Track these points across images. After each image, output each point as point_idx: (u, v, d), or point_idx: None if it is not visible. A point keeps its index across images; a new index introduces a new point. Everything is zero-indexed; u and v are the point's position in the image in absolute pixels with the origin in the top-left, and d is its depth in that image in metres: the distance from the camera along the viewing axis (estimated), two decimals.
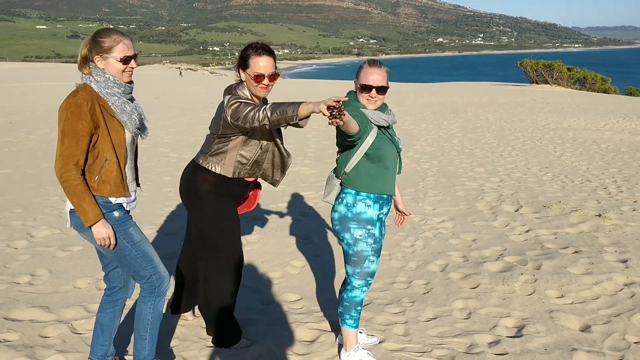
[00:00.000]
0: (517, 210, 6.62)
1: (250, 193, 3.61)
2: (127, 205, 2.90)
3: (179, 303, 3.76)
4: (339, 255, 5.12)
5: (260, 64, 3.13)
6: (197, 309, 3.87)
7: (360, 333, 3.55)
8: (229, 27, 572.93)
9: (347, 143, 2.98)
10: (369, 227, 3.07)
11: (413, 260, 5.06)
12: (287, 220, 6.21)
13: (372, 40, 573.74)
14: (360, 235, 3.07)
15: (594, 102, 22.99)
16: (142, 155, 10.23)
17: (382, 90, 3.02)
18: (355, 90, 3.12)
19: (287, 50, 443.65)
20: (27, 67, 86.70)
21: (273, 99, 3.74)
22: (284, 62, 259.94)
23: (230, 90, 3.21)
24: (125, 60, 2.77)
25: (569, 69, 33.80)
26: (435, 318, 3.92)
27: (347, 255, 3.15)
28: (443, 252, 5.29)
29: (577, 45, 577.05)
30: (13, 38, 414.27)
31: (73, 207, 2.70)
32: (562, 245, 5.35)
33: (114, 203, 2.82)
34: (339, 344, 3.49)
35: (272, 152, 3.34)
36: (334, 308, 4.02)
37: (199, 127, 14.16)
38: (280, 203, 6.98)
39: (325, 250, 5.31)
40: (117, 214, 2.80)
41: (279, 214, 6.46)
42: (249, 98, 3.17)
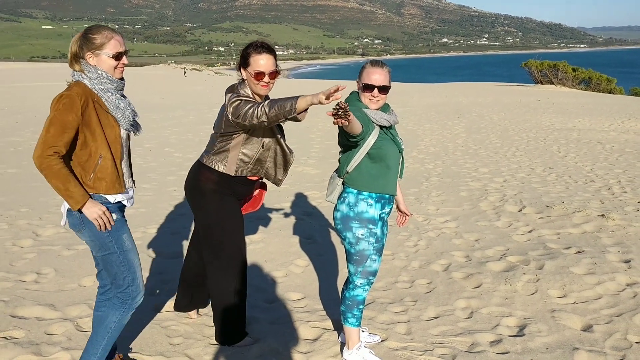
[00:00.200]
0: (520, 211, 6.63)
1: (256, 193, 3.62)
2: (126, 202, 2.89)
3: (184, 302, 3.76)
4: (342, 255, 5.14)
5: (261, 62, 3.15)
6: (201, 308, 3.89)
7: (363, 332, 3.58)
8: (234, 27, 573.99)
9: (349, 143, 2.99)
10: (371, 226, 3.09)
11: (416, 260, 5.08)
12: (290, 220, 6.24)
13: (376, 41, 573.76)
14: (362, 235, 3.09)
15: (599, 102, 22.91)
16: (147, 155, 10.28)
17: (384, 90, 3.04)
18: (358, 90, 3.14)
19: (291, 51, 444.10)
20: (32, 67, 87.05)
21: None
22: (289, 62, 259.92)
23: (232, 89, 3.23)
24: (118, 57, 2.77)
25: (574, 70, 33.67)
26: (438, 317, 3.94)
27: (349, 254, 3.18)
28: (446, 251, 5.30)
29: (582, 46, 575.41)
30: (19, 38, 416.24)
31: (58, 192, 2.63)
32: (564, 246, 5.36)
33: (113, 202, 2.80)
34: (342, 343, 3.52)
35: (274, 150, 3.34)
36: (337, 307, 4.04)
37: (204, 126, 14.20)
38: (284, 203, 7.01)
39: (329, 250, 5.34)
40: (114, 216, 2.78)
41: (283, 214, 6.49)
42: (250, 96, 3.19)
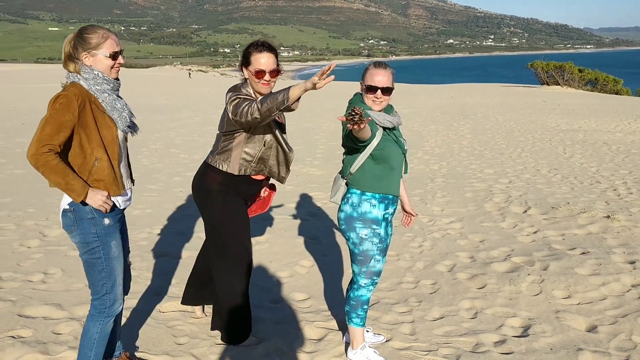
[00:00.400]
0: (525, 212, 6.62)
1: (265, 195, 3.64)
2: (122, 204, 2.85)
3: (190, 294, 3.77)
4: (347, 256, 5.16)
5: (262, 60, 3.17)
6: (206, 307, 3.92)
7: (367, 332, 3.59)
8: (240, 28, 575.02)
9: (357, 147, 3.00)
10: (375, 226, 3.11)
11: (421, 261, 5.08)
12: (295, 221, 6.26)
13: (382, 42, 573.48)
14: (366, 235, 3.10)
15: (605, 103, 22.81)
16: (152, 156, 10.34)
17: (387, 92, 3.06)
18: (361, 92, 3.16)
19: (297, 52, 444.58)
20: (39, 68, 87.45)
21: None
22: (294, 63, 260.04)
23: (234, 89, 3.25)
24: (114, 56, 2.74)
25: (580, 70, 33.51)
26: (442, 317, 3.95)
27: (353, 255, 3.20)
28: (451, 252, 5.31)
29: (589, 47, 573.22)
30: (26, 40, 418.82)
31: (58, 188, 2.61)
32: (569, 247, 5.36)
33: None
34: (346, 343, 3.53)
35: (275, 148, 3.36)
36: (342, 307, 4.06)
37: (210, 128, 14.25)
38: (289, 203, 7.03)
39: (333, 250, 5.36)
40: (107, 221, 2.75)
41: (288, 215, 6.51)
42: (251, 95, 3.21)
